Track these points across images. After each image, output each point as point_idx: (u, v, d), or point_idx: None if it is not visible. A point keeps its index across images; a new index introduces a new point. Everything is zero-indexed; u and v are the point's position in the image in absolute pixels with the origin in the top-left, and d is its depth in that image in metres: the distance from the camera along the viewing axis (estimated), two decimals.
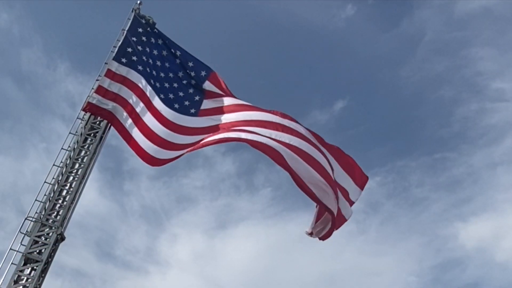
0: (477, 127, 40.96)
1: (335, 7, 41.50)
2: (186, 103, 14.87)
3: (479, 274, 38.74)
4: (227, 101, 15.00)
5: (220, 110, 14.78)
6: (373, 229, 41.04)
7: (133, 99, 14.52)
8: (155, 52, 15.32)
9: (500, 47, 41.05)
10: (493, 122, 40.33)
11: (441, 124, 42.57)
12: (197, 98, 15.03)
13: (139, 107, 14.45)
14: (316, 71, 43.16)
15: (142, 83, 14.64)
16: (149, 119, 14.26)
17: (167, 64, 15.31)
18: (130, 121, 14.33)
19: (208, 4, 39.07)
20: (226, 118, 14.52)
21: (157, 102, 14.52)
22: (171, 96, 14.81)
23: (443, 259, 39.21)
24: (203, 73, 15.41)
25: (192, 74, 15.36)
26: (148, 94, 14.54)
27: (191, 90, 15.12)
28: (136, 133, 14.11)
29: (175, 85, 15.10)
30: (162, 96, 14.62)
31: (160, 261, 38.59)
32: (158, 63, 15.22)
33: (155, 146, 13.87)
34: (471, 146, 41.49)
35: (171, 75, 15.22)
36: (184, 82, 15.23)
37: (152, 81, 14.78)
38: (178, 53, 15.55)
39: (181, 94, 14.97)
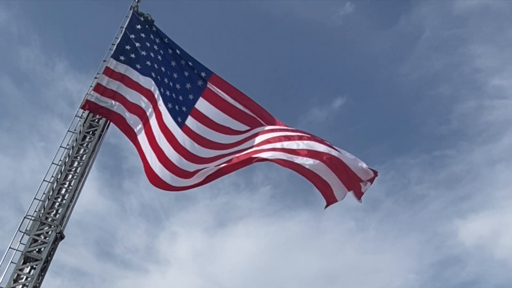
0: (476, 124, 41.01)
1: (334, 4, 41.54)
2: (176, 107, 14.57)
3: (478, 271, 38.77)
4: (212, 134, 14.27)
5: (203, 141, 14.14)
6: (372, 227, 41.10)
7: (136, 97, 14.47)
8: (155, 47, 15.26)
9: (498, 44, 41.08)
10: (492, 119, 40.33)
11: (440, 121, 42.62)
12: (184, 109, 14.60)
13: (142, 104, 14.42)
14: (315, 68, 43.19)
15: (141, 79, 14.62)
16: (154, 125, 14.15)
17: (162, 68, 15.13)
18: (135, 118, 14.30)
19: (206, 1, 39.06)
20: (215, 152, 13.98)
21: (159, 101, 14.47)
22: (167, 93, 14.71)
23: (442, 256, 39.26)
24: (203, 74, 15.15)
25: (194, 72, 15.15)
26: (150, 91, 14.48)
27: (180, 97, 14.72)
28: (144, 143, 13.97)
29: (171, 84, 15.01)
30: (162, 90, 14.53)
31: (159, 259, 38.60)
32: (159, 57, 15.16)
33: (166, 171, 13.60)
34: (470, 143, 41.54)
35: (168, 72, 15.13)
36: (178, 86, 14.89)
37: (153, 74, 14.71)
38: (177, 51, 15.43)
39: (173, 95, 14.79)
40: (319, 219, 39.80)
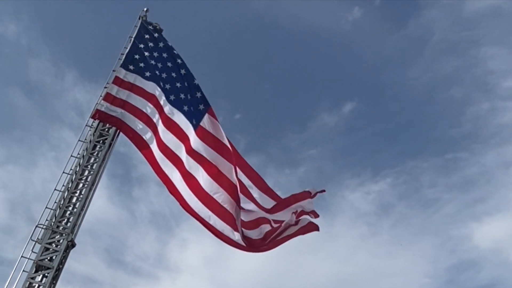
0: (488, 126, 40.58)
1: (342, 9, 41.55)
2: (192, 108, 14.49)
3: (494, 274, 38.30)
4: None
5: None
6: (385, 231, 40.84)
7: (145, 106, 14.55)
8: (164, 55, 15.35)
9: (510, 46, 40.65)
10: (505, 121, 39.94)
11: (452, 124, 42.28)
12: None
13: (155, 117, 14.45)
14: (324, 73, 43.21)
15: (150, 88, 14.71)
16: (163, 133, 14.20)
17: (173, 74, 15.19)
18: (141, 126, 14.36)
19: (214, 8, 39.31)
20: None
21: (166, 107, 14.52)
22: (182, 96, 14.64)
23: (457, 260, 38.93)
24: (199, 95, 15.02)
25: (188, 95, 15.07)
26: (161, 101, 14.55)
27: (185, 108, 14.51)
28: (157, 153, 14.01)
29: (183, 89, 15.00)
30: (172, 97, 14.48)
31: (170, 266, 38.68)
32: (169, 65, 15.23)
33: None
34: (483, 145, 41.16)
35: (179, 78, 15.16)
36: (188, 96, 14.89)
37: (161, 83, 14.76)
38: (182, 71, 15.47)
39: (186, 98, 14.73)
40: (331, 224, 39.62)
